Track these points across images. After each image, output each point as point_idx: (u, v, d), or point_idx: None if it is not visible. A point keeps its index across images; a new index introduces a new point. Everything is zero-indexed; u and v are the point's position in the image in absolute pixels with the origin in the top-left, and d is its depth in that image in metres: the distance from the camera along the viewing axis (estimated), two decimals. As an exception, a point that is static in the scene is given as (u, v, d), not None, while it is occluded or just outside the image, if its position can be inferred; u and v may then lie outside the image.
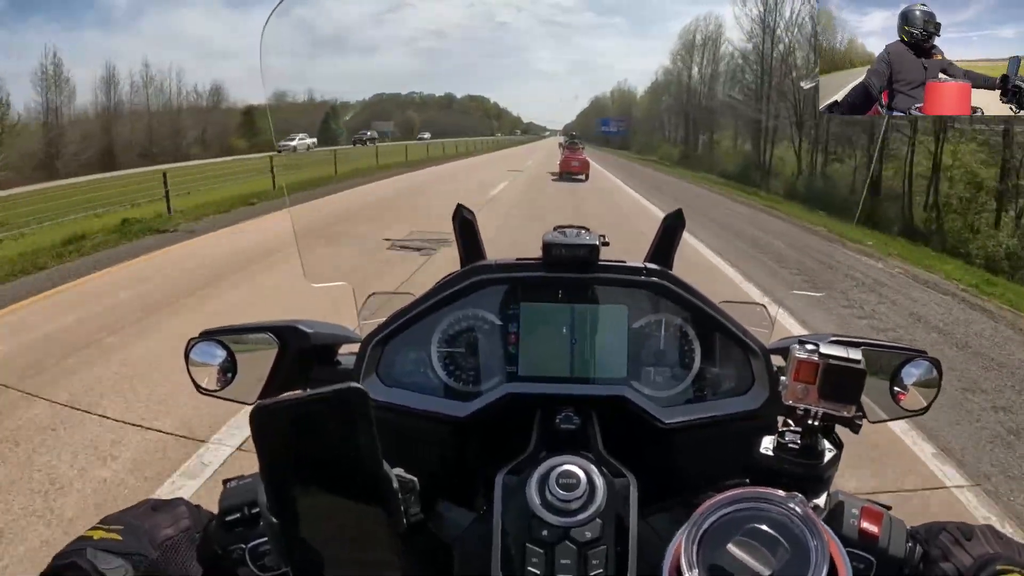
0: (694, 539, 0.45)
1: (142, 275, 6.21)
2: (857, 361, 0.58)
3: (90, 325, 4.55)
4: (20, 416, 3.16)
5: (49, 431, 3.02)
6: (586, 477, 0.57)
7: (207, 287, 5.55)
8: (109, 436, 2.97)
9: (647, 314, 0.76)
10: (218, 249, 7.34)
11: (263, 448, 0.43)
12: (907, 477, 2.84)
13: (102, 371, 3.71)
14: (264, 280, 5.65)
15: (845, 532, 0.58)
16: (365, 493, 0.44)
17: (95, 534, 0.54)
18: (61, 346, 4.10)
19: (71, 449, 2.85)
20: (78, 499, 2.49)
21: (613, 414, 0.70)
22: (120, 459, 2.78)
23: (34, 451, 2.84)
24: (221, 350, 0.75)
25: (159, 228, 8.87)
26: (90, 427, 3.05)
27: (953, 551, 0.55)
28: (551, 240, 0.75)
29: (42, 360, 3.86)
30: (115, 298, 5.34)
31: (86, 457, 2.79)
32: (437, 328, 0.76)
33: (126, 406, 3.26)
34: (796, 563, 0.42)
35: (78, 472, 2.68)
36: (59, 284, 5.95)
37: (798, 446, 0.61)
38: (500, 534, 0.56)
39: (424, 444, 0.70)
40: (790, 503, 0.45)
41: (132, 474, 2.67)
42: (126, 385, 3.51)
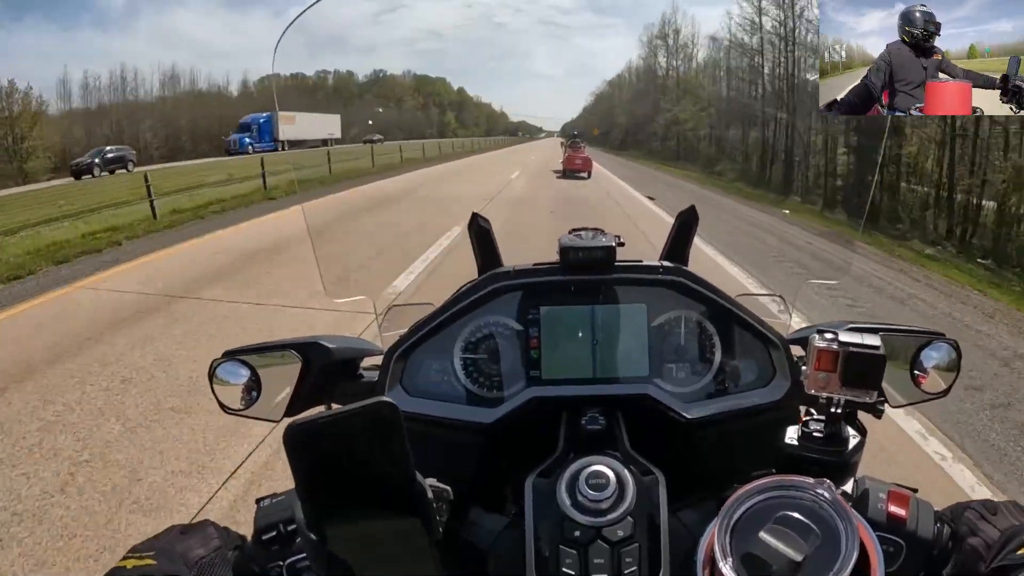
0: (726, 529, 0.45)
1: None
2: (876, 347, 0.58)
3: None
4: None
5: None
6: (615, 476, 0.57)
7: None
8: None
9: (666, 311, 0.77)
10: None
11: (298, 466, 0.43)
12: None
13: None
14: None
15: (873, 516, 0.58)
16: (400, 505, 0.44)
17: (127, 563, 0.53)
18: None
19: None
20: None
21: (638, 412, 0.70)
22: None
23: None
24: (245, 369, 0.75)
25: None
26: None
27: (980, 526, 0.56)
28: (568, 244, 0.75)
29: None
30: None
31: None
32: (459, 336, 0.77)
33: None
34: (827, 548, 0.43)
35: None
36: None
37: (822, 434, 0.62)
38: (533, 537, 0.57)
39: (452, 452, 0.70)
40: (819, 489, 0.46)
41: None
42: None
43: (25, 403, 3.27)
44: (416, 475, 0.45)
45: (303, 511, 0.45)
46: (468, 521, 0.65)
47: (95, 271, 6.43)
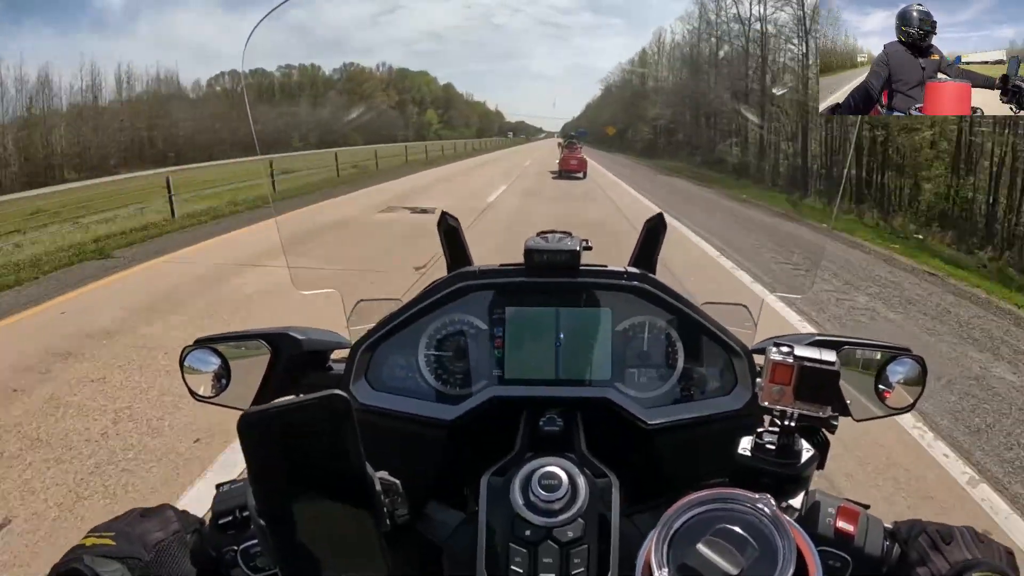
0: (664, 539, 0.46)
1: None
2: (831, 363, 0.58)
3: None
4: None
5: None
6: (568, 478, 0.58)
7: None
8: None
9: (631, 317, 0.77)
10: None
11: (251, 454, 0.44)
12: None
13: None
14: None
15: (821, 531, 0.58)
16: (349, 495, 0.45)
17: (87, 541, 0.55)
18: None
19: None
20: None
21: (598, 416, 0.71)
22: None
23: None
24: (215, 357, 0.77)
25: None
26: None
27: (931, 555, 0.54)
28: (533, 246, 0.76)
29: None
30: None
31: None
32: (424, 333, 0.78)
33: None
34: (764, 562, 0.43)
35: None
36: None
37: (775, 447, 0.61)
38: (485, 534, 0.57)
39: (413, 447, 0.71)
40: (758, 503, 0.46)
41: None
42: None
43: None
44: (366, 467, 0.46)
45: (255, 498, 0.45)
46: (425, 515, 0.66)
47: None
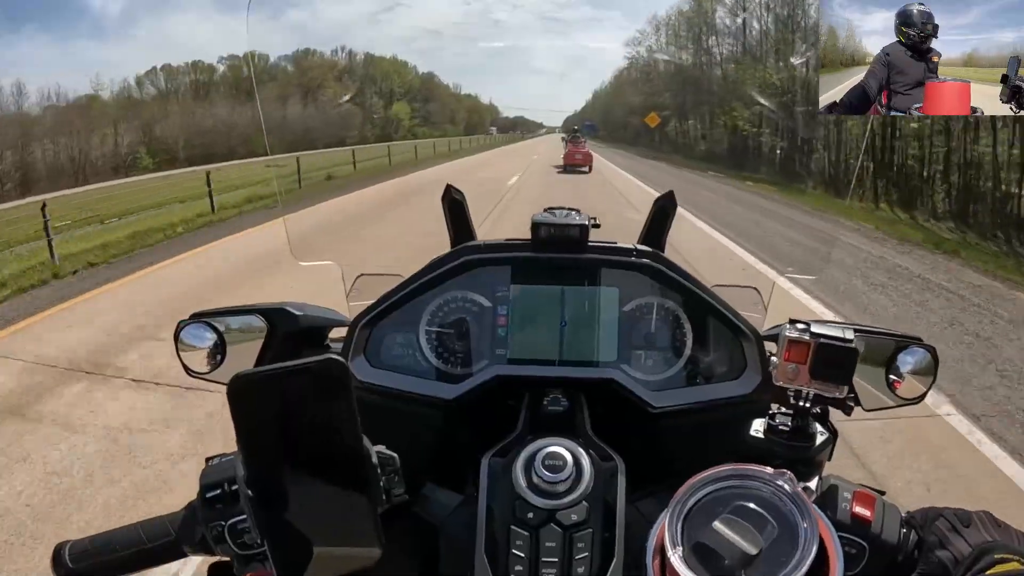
0: (679, 517, 0.44)
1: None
2: (849, 340, 0.57)
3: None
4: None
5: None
6: (573, 459, 0.56)
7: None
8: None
9: (638, 297, 0.75)
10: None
11: (241, 420, 0.42)
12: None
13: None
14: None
15: (837, 516, 0.57)
16: (344, 468, 0.43)
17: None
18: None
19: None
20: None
21: (603, 397, 0.69)
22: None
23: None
24: (211, 332, 0.74)
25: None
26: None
27: (949, 538, 0.54)
28: (540, 220, 0.74)
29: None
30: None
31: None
32: (426, 310, 0.76)
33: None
34: (784, 542, 0.41)
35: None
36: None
37: (788, 428, 0.60)
38: (485, 517, 0.56)
39: (412, 426, 0.70)
40: (779, 480, 0.44)
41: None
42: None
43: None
44: (363, 439, 0.44)
45: (244, 467, 0.43)
46: (422, 496, 0.64)
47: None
